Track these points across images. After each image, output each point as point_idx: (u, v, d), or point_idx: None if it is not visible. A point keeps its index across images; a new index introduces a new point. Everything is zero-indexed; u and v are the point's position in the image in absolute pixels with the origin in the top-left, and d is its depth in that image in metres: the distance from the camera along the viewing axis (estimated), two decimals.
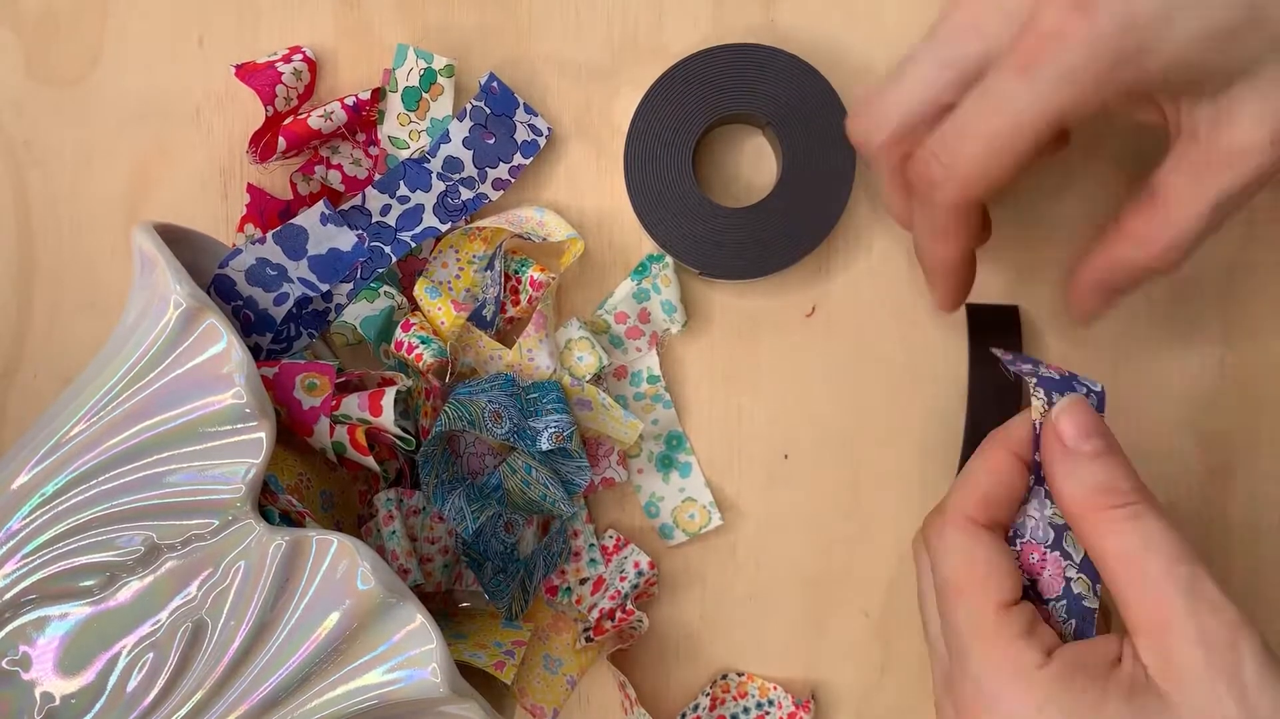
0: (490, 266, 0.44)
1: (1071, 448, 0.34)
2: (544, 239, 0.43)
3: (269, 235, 0.41)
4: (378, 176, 0.44)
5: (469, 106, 0.44)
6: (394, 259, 0.43)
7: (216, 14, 0.45)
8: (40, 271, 0.46)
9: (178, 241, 0.39)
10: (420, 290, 0.43)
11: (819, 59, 0.44)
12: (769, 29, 0.45)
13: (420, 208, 0.44)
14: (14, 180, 0.45)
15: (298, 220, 0.42)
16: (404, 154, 0.44)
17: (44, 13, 0.45)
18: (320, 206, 0.42)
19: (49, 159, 0.45)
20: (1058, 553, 0.35)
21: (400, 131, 0.44)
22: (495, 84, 0.43)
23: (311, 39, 0.45)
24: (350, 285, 0.43)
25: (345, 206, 0.43)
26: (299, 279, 0.41)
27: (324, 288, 0.42)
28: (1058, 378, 0.36)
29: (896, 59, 0.45)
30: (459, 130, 0.44)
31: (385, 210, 0.43)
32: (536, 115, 0.44)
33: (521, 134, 0.44)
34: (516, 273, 0.44)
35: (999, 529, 0.36)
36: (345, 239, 0.42)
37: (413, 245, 0.43)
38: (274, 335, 0.42)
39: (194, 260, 0.40)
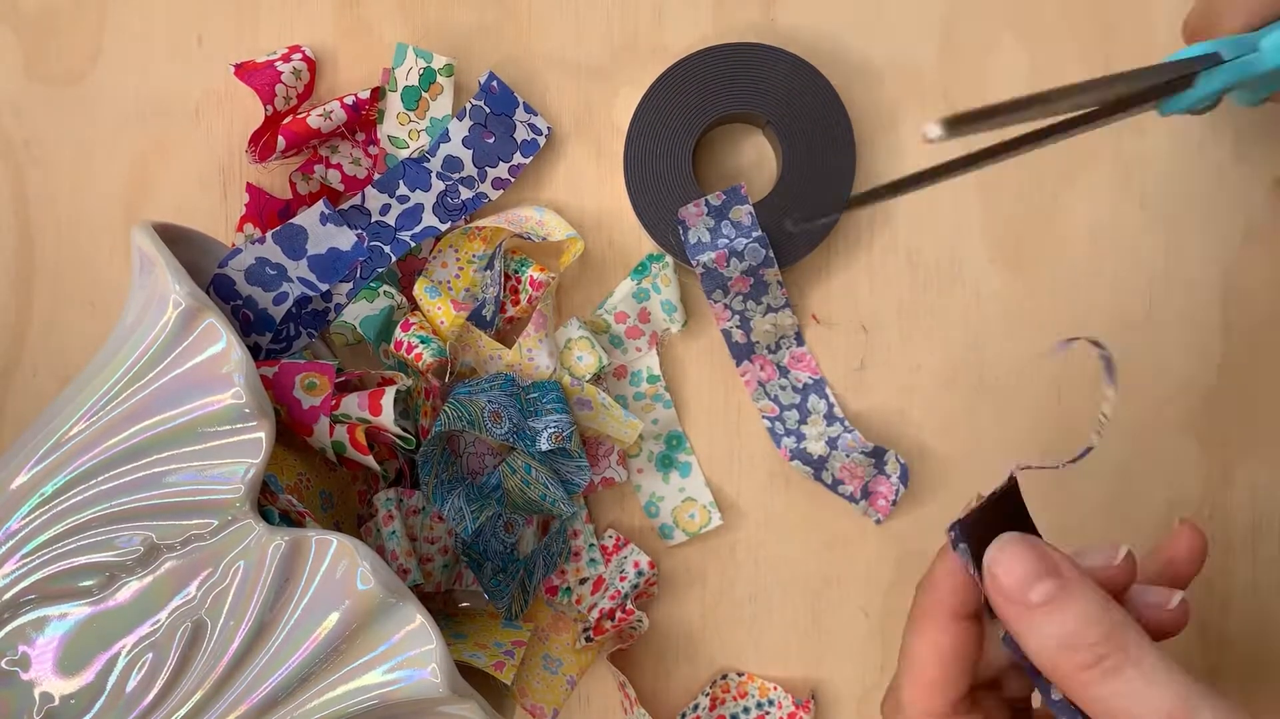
0: (490, 266, 0.44)
1: (1020, 601, 0.29)
2: (544, 239, 0.43)
3: (268, 235, 0.41)
4: (377, 176, 0.44)
5: (469, 106, 0.44)
6: (393, 259, 0.43)
7: (215, 13, 0.45)
8: (39, 271, 0.46)
9: (177, 241, 0.39)
10: (420, 290, 0.43)
11: (819, 59, 0.44)
12: (769, 28, 0.45)
13: (420, 207, 0.44)
14: (13, 180, 0.45)
15: (297, 220, 0.42)
16: (403, 153, 0.44)
17: (43, 12, 0.45)
18: (320, 206, 0.42)
19: (48, 158, 0.45)
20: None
21: (400, 131, 0.44)
22: (495, 83, 0.43)
23: (311, 38, 0.45)
24: (350, 285, 0.43)
25: (345, 206, 0.43)
26: (298, 279, 0.41)
27: (323, 287, 0.42)
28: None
29: (896, 59, 0.45)
30: (459, 129, 0.44)
31: (385, 210, 0.43)
32: (536, 114, 0.44)
33: (521, 133, 0.44)
34: (516, 272, 0.44)
35: (965, 702, 0.31)
36: (345, 239, 0.42)
37: (412, 245, 0.43)
38: (273, 335, 0.42)
39: (193, 260, 0.40)
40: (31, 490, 0.34)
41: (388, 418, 0.39)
